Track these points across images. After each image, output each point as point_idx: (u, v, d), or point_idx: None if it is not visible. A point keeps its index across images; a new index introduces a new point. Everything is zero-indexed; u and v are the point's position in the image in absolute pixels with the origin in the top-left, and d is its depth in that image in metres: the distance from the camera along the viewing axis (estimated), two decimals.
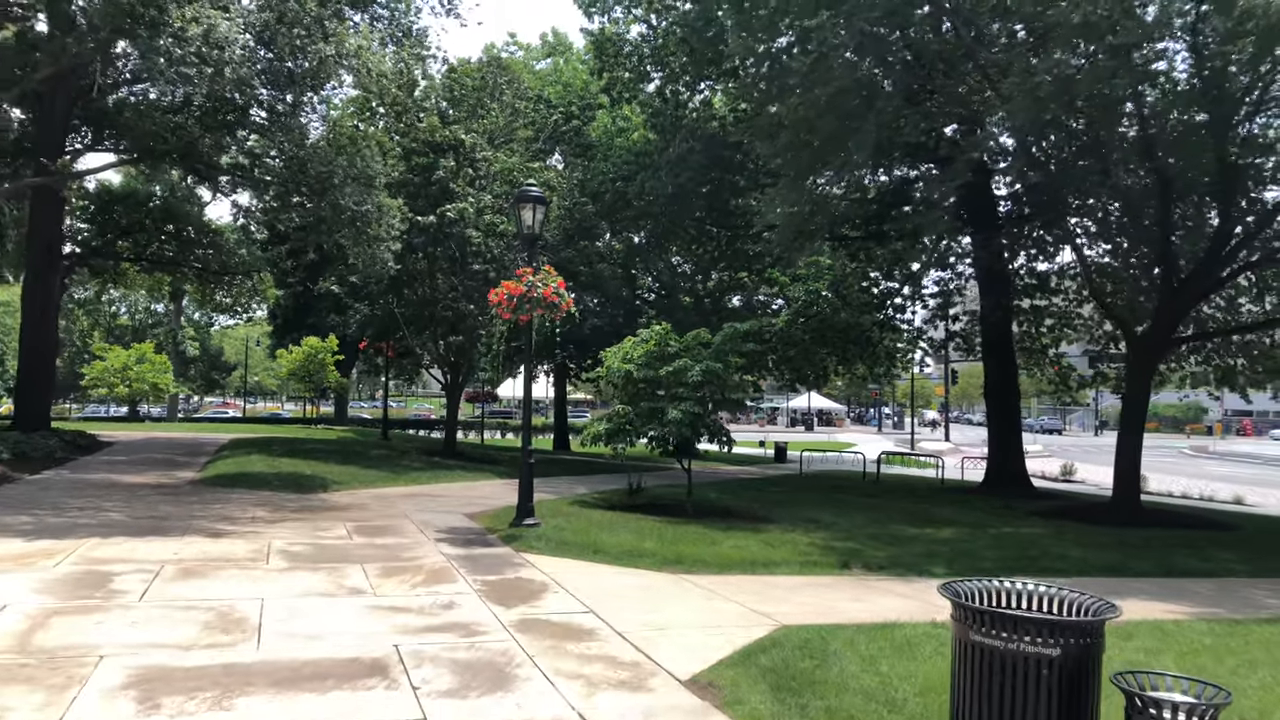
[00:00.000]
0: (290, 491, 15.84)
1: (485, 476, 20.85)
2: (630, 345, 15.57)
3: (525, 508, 12.41)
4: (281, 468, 18.64)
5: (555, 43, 38.37)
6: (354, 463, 20.77)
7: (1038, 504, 21.69)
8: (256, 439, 27.17)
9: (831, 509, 17.34)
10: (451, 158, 22.21)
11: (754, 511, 15.96)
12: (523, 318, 12.10)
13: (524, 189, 12.79)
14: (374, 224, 16.82)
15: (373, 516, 13.34)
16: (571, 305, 12.26)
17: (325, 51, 14.36)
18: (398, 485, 17.87)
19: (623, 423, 14.72)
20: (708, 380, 14.51)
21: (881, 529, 14.48)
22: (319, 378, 37.67)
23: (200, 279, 26.64)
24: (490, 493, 17.39)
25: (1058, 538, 14.71)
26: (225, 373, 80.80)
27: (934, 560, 11.66)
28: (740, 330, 15.13)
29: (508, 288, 12.05)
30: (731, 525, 13.80)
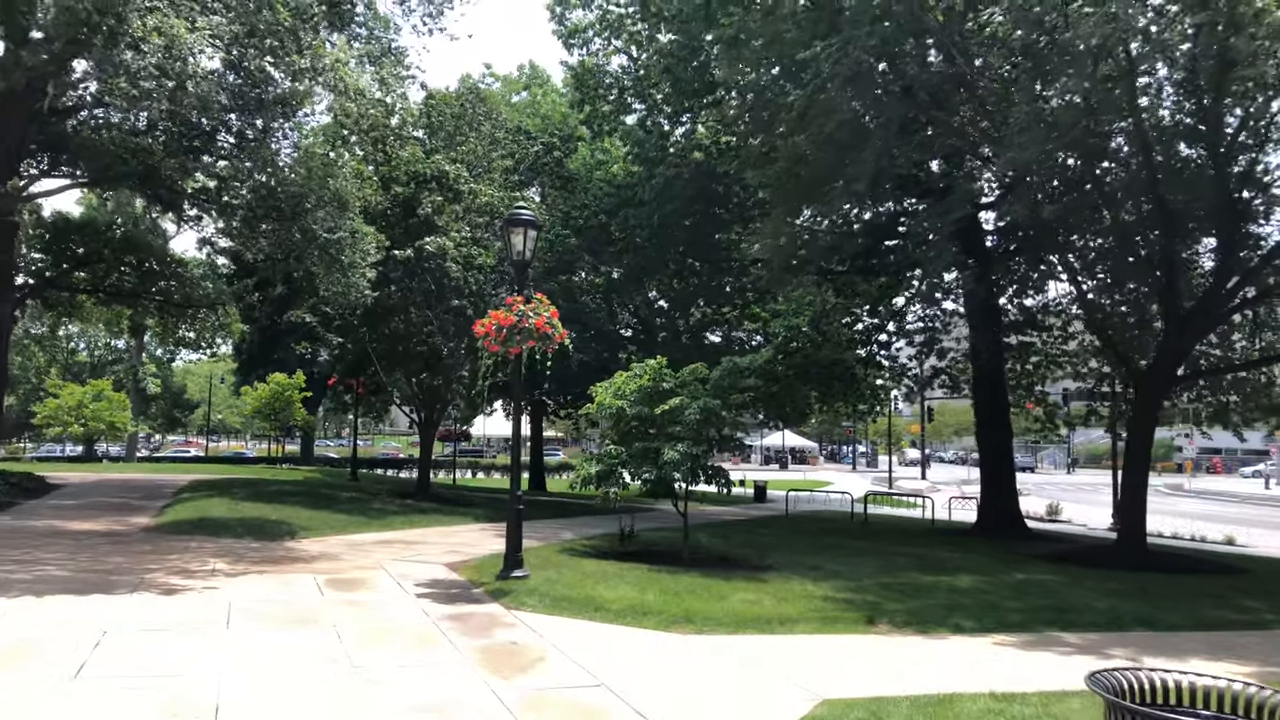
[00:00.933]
0: (254, 539, 14.65)
1: (463, 520, 19.72)
2: (622, 380, 14.65)
3: (514, 558, 11.38)
4: (244, 512, 17.41)
5: (532, 75, 37.82)
6: (323, 506, 19.57)
7: (1038, 546, 20.92)
8: (218, 480, 25.80)
9: (831, 554, 16.42)
10: (436, 189, 21.32)
11: (752, 558, 15.00)
12: (513, 350, 11.16)
13: (514, 211, 11.92)
14: (347, 250, 15.85)
15: (345, 568, 12.23)
16: (566, 337, 11.35)
17: (300, 64, 13.46)
18: (370, 531, 16.72)
19: (614, 464, 13.75)
20: (706, 419, 13.62)
21: (892, 577, 13.58)
22: (285, 415, 36.30)
23: (162, 312, 25.36)
24: (471, 539, 16.29)
25: (1074, 585, 13.88)
26: (188, 411, 78.60)
27: (959, 613, 10.76)
28: (741, 365, 14.27)
29: (496, 318, 11.12)
30: (732, 574, 12.84)
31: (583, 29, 29.73)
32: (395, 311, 22.86)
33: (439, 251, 20.05)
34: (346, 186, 16.80)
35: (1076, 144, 17.16)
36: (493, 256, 23.37)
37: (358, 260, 16.18)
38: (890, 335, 31.22)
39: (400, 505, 21.27)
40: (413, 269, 20.60)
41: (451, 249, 20.26)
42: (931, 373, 31.26)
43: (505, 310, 11.16)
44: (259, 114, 16.43)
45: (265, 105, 16.22)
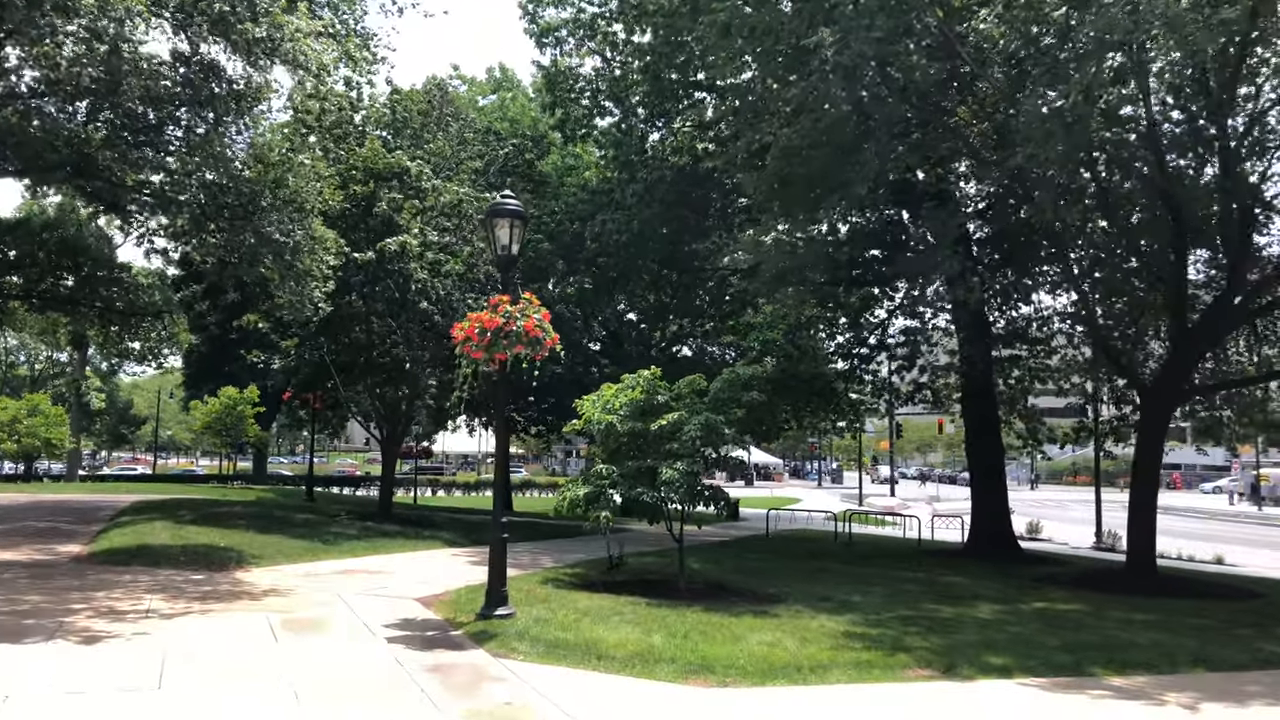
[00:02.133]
0: (198, 569, 13.07)
1: (430, 545, 18.22)
2: (612, 393, 13.34)
3: (497, 594, 9.99)
4: (189, 538, 15.78)
5: (502, 78, 36.53)
6: (276, 530, 17.95)
7: (1039, 569, 19.94)
8: (164, 501, 23.96)
9: (833, 582, 15.23)
10: (396, 186, 19.90)
11: (753, 587, 13.75)
12: (499, 356, 9.82)
13: (498, 201, 10.60)
14: (304, 257, 14.38)
15: (302, 604, 10.75)
16: (557, 342, 10.03)
17: (254, 33, 12.02)
18: (329, 558, 15.19)
19: (604, 485, 12.41)
20: (707, 436, 12.37)
21: (909, 608, 12.40)
22: (236, 431, 34.37)
23: (103, 321, 23.53)
24: (441, 568, 14.84)
25: (1101, 616, 12.82)
26: (134, 427, 75.57)
27: (997, 651, 9.58)
28: (743, 376, 13.06)
29: (480, 319, 9.78)
30: (737, 607, 11.56)
31: (555, 28, 28.50)
32: (356, 320, 21.37)
33: (401, 250, 18.61)
34: (305, 186, 15.35)
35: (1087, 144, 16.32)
36: (461, 263, 21.95)
37: (314, 270, 14.70)
38: (871, 349, 30.25)
39: (361, 528, 19.70)
40: (374, 273, 19.13)
41: (414, 246, 18.83)
42: (914, 387, 30.33)
43: (490, 311, 9.82)
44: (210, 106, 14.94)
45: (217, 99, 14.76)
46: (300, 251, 14.15)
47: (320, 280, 14.75)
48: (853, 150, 16.59)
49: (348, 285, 18.97)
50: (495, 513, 10.20)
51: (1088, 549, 31.05)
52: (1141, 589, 16.20)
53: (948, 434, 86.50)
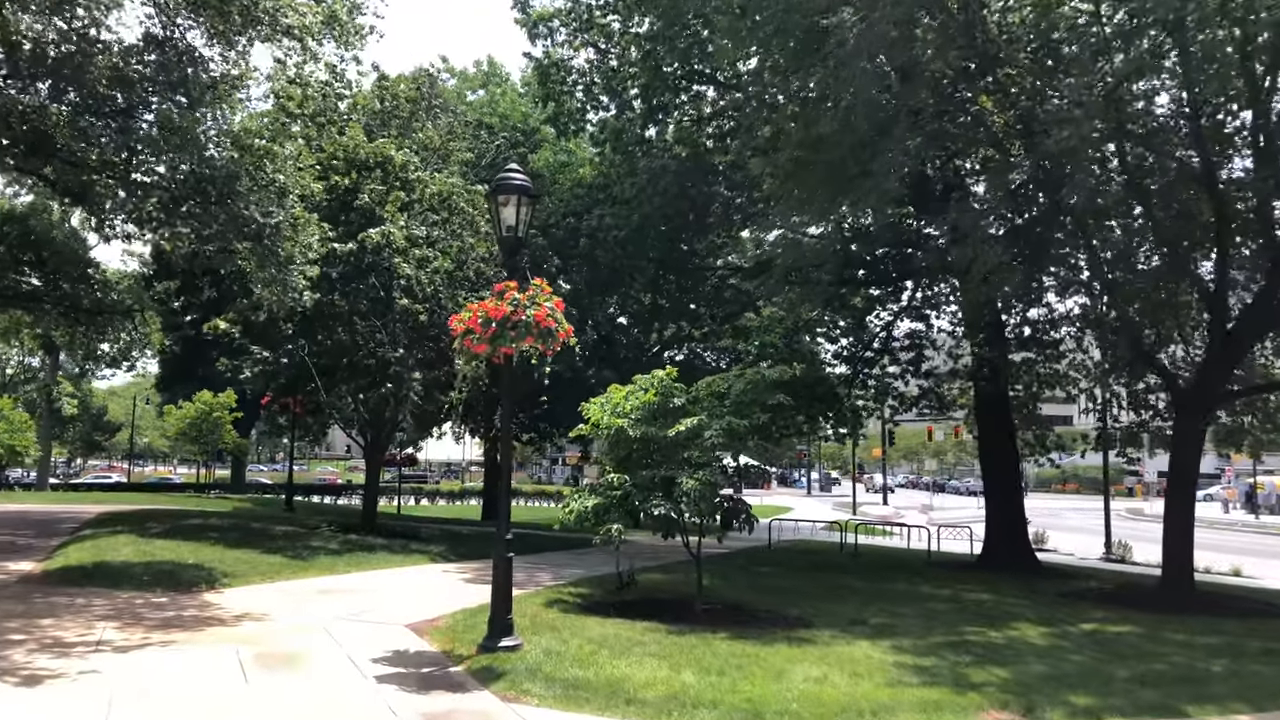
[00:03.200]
0: (163, 591, 11.74)
1: (418, 560, 16.94)
2: (621, 396, 12.14)
3: (502, 622, 8.75)
4: (155, 554, 14.42)
5: (490, 72, 35.31)
6: (252, 544, 16.60)
7: (1066, 584, 18.87)
8: (133, 512, 22.53)
9: (858, 601, 14.07)
10: (379, 177, 18.63)
11: (775, 608, 12.57)
12: (505, 350, 8.59)
13: (504, 176, 9.39)
14: (285, 243, 13.11)
15: (277, 633, 9.46)
16: (571, 334, 8.82)
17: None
18: (310, 576, 13.88)
19: (616, 497, 11.19)
20: (729, 443, 11.20)
21: (952, 632, 11.24)
22: (213, 438, 32.86)
23: (69, 320, 22.06)
24: (433, 587, 13.58)
25: (1156, 639, 11.72)
26: (108, 434, 73.56)
27: (1071, 688, 8.42)
28: (768, 378, 11.89)
29: (484, 308, 8.56)
30: (768, 634, 10.37)
31: (548, 18, 27.32)
32: (338, 320, 20.05)
33: (384, 241, 17.34)
34: (287, 168, 14.09)
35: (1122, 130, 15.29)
36: (450, 259, 20.66)
37: (296, 255, 13.43)
38: (875, 353, 29.17)
39: (344, 542, 18.37)
40: (357, 266, 17.85)
41: (399, 237, 17.56)
42: (919, 393, 29.26)
43: (495, 299, 8.60)
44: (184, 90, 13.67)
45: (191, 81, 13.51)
46: (280, 236, 12.86)
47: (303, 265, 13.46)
48: (875, 139, 15.50)
49: (330, 280, 17.67)
50: (499, 529, 8.96)
51: (1096, 559, 30.06)
52: (1182, 607, 15.12)
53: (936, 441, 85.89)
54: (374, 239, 17.17)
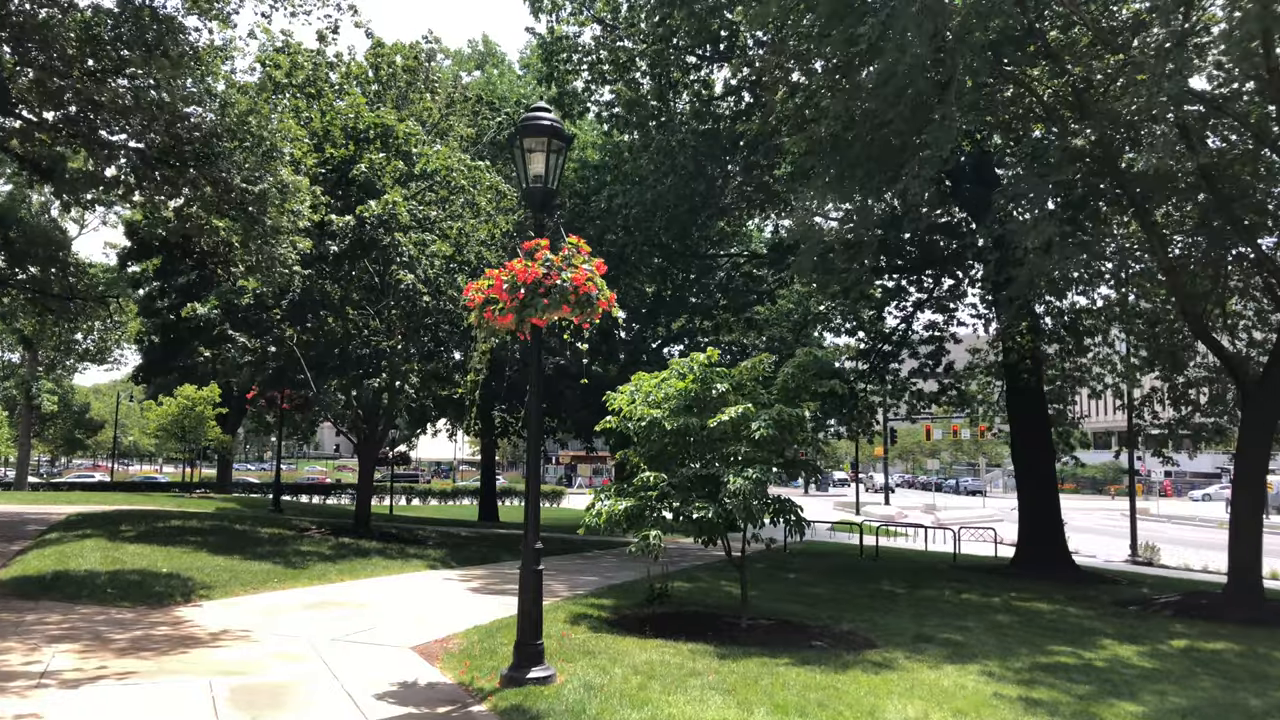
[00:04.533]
0: (130, 605, 10.23)
1: (417, 566, 15.47)
2: (652, 384, 10.70)
3: (531, 648, 7.29)
4: (125, 561, 12.90)
5: (486, 52, 33.79)
6: (236, 549, 15.08)
7: (1118, 592, 17.55)
8: (107, 513, 20.94)
9: (910, 613, 12.68)
10: (378, 148, 17.15)
11: (825, 622, 11.15)
12: (535, 321, 7.14)
13: (530, 115, 7.93)
14: (273, 209, 11.63)
15: (261, 659, 7.98)
16: (614, 302, 7.36)
17: None
18: (298, 585, 12.39)
19: (652, 498, 9.74)
20: (781, 434, 9.77)
21: (1040, 653, 9.83)
22: (196, 435, 31.22)
23: (39, 306, 20.48)
24: (438, 598, 12.10)
25: (1258, 657, 10.42)
26: (91, 431, 71.56)
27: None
28: (822, 360, 10.48)
29: (511, 270, 7.10)
30: (833, 657, 8.94)
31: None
32: (329, 309, 18.56)
33: (385, 214, 15.85)
34: (273, 126, 12.62)
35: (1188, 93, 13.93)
36: (449, 245, 19.16)
37: (285, 224, 11.95)
38: (894, 347, 27.81)
39: (335, 546, 16.87)
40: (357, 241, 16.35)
41: (401, 209, 16.06)
42: (939, 388, 27.91)
43: (524, 260, 7.14)
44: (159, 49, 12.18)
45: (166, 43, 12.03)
46: (268, 202, 11.37)
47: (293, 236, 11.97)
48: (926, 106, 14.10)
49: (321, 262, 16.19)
50: (528, 537, 7.48)
51: (1122, 562, 28.83)
52: (1258, 618, 13.82)
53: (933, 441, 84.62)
54: (374, 211, 15.67)
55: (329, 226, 15.32)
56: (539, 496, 7.59)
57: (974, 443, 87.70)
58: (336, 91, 18.33)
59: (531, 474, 7.66)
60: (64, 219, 45.66)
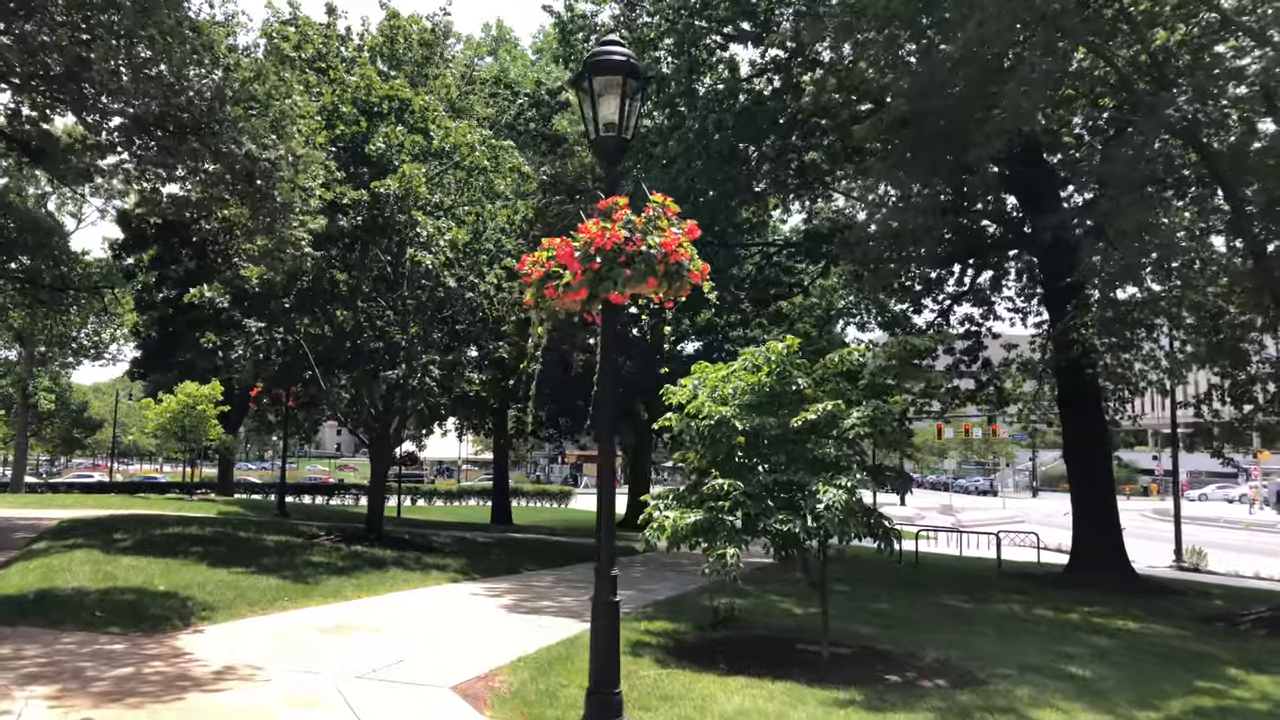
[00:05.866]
0: (122, 632, 8.90)
1: (438, 579, 14.16)
2: (719, 375, 9.36)
3: (608, 698, 5.92)
4: (118, 577, 11.57)
5: (499, 37, 32.51)
6: (240, 561, 13.75)
7: (1190, 604, 16.26)
8: (102, 519, 19.57)
9: (993, 633, 11.38)
10: (394, 123, 15.82)
11: (909, 648, 9.83)
12: (614, 297, 5.80)
13: (602, 53, 6.67)
14: (282, 183, 10.32)
15: (274, 709, 6.65)
16: (707, 273, 6.02)
17: None
18: (311, 604, 11.07)
19: (724, 509, 8.39)
20: (875, 435, 8.45)
21: (1178, 687, 8.51)
22: (197, 434, 29.88)
23: (30, 298, 19.14)
24: (469, 620, 10.78)
25: None
26: (89, 430, 70.20)
27: None
28: (918, 348, 9.16)
29: (585, 234, 5.77)
30: (944, 698, 7.61)
31: None
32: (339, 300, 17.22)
33: (404, 190, 14.52)
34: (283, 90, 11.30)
35: None
36: (466, 233, 17.78)
37: (296, 200, 10.63)
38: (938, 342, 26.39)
39: (348, 556, 15.54)
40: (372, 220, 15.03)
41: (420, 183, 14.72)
42: (977, 385, 26.55)
43: (601, 222, 5.80)
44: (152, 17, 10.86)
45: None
46: (278, 174, 10.05)
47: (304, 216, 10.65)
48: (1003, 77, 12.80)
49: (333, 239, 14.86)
50: (603, 563, 6.13)
51: (1166, 568, 27.49)
52: None
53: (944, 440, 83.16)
54: (391, 187, 14.33)
55: (341, 200, 13.95)
56: (613, 509, 6.25)
57: (984, 441, 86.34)
58: (348, 65, 16.97)
59: (604, 481, 6.32)
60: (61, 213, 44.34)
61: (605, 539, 6.13)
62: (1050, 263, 20.79)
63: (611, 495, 6.27)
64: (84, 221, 47.40)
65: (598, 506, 6.27)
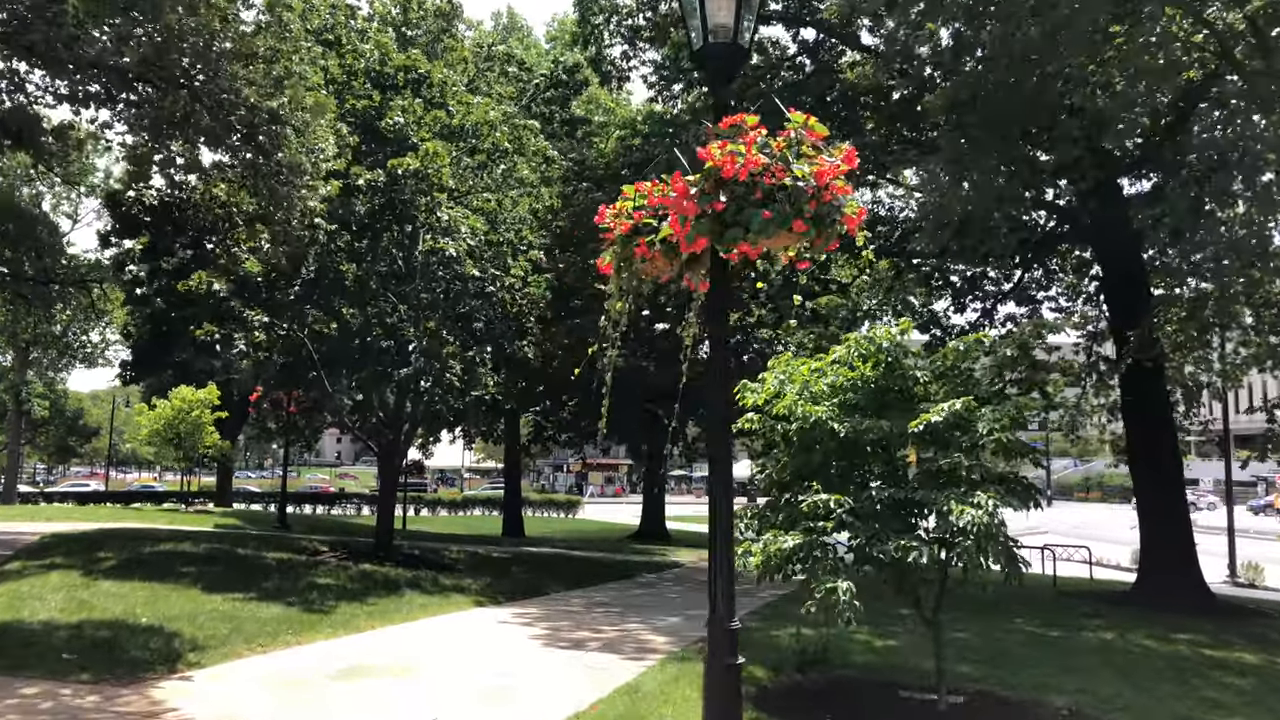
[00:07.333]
0: (91, 680, 7.35)
1: (459, 603, 12.63)
2: (809, 370, 7.82)
3: None
4: (95, 606, 9.99)
5: (511, 25, 31.09)
6: (237, 584, 12.18)
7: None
8: (88, 533, 17.99)
9: (1110, 671, 9.83)
10: (410, 97, 14.31)
11: (1035, 694, 8.29)
12: (747, 249, 4.27)
13: None
14: (290, 143, 8.83)
15: None
16: (864, 217, 4.49)
17: None
18: (320, 637, 9.51)
19: (826, 529, 6.84)
20: (1014, 441, 6.94)
21: None
22: (194, 441, 28.32)
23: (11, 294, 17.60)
24: (502, 656, 9.21)
25: None
26: (84, 438, 68.53)
27: None
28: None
29: (709, 160, 4.22)
30: None
31: None
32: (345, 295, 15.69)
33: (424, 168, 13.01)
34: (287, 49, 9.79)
35: None
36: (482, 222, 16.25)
37: (305, 161, 9.12)
38: None
39: (357, 576, 13.97)
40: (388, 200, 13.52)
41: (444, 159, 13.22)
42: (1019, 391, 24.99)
43: (731, 146, 4.26)
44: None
45: None
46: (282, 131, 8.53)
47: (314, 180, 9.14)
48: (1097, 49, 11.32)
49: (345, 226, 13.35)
50: (719, 607, 4.58)
51: (1220, 583, 25.89)
52: None
53: None
54: (410, 165, 12.81)
55: (354, 181, 12.45)
56: (730, 545, 4.73)
57: None
58: (360, 36, 15.49)
59: (720, 497, 4.76)
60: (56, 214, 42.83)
61: (723, 587, 4.57)
62: (1111, 258, 19.34)
63: (728, 527, 4.73)
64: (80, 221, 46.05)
65: (711, 540, 4.70)
